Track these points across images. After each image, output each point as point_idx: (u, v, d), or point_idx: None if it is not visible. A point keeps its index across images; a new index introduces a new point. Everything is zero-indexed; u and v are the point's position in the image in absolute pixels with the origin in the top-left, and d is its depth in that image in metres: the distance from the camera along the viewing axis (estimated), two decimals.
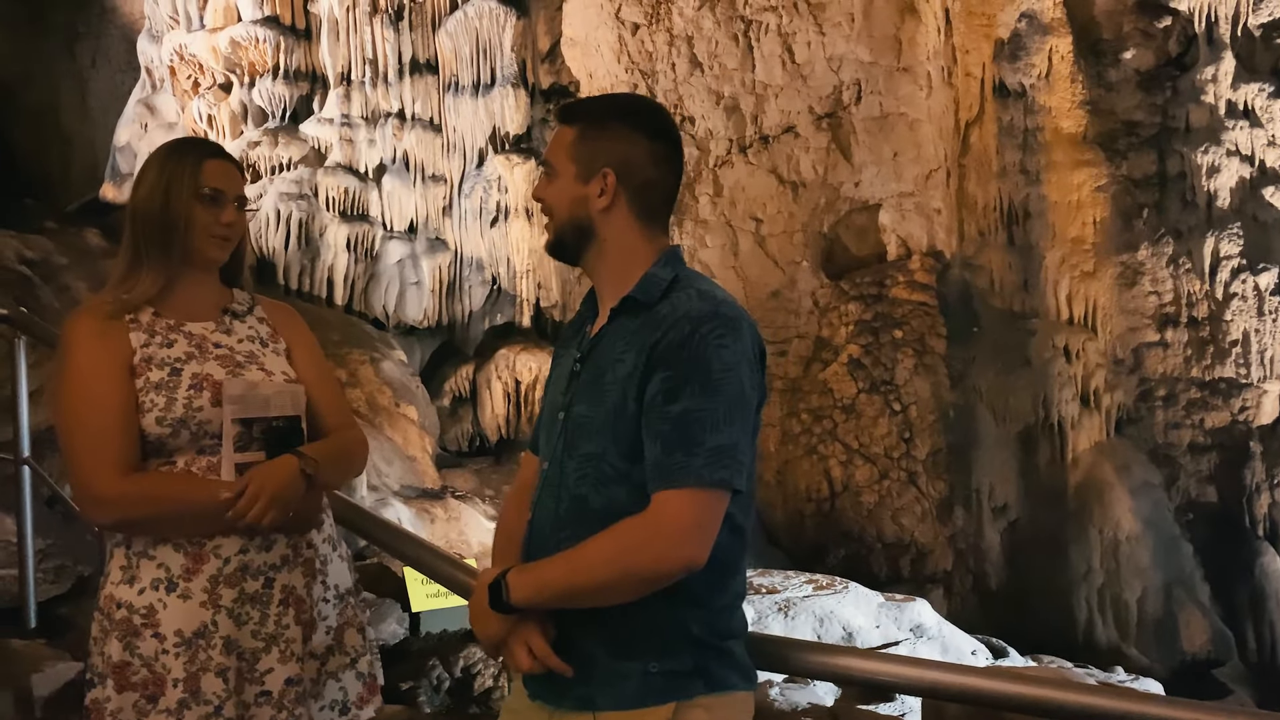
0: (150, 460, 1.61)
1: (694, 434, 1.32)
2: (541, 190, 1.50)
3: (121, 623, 1.59)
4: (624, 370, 1.39)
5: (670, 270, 1.46)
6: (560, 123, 1.51)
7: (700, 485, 1.31)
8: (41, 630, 3.34)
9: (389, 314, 9.22)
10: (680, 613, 1.37)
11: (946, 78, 8.39)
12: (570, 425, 1.44)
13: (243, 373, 1.67)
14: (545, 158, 1.50)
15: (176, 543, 1.61)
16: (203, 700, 1.58)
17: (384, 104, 9.14)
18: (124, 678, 1.58)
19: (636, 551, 1.32)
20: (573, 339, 1.54)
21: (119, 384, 1.60)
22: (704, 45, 8.36)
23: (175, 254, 1.66)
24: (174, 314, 1.68)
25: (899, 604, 5.19)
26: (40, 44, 11.77)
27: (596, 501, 1.39)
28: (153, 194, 1.66)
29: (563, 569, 1.36)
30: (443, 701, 4.14)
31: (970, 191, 8.59)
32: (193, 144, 1.76)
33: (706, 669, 1.39)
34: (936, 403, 8.15)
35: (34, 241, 7.88)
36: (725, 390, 1.34)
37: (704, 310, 1.39)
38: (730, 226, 8.63)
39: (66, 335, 1.66)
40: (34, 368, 3.39)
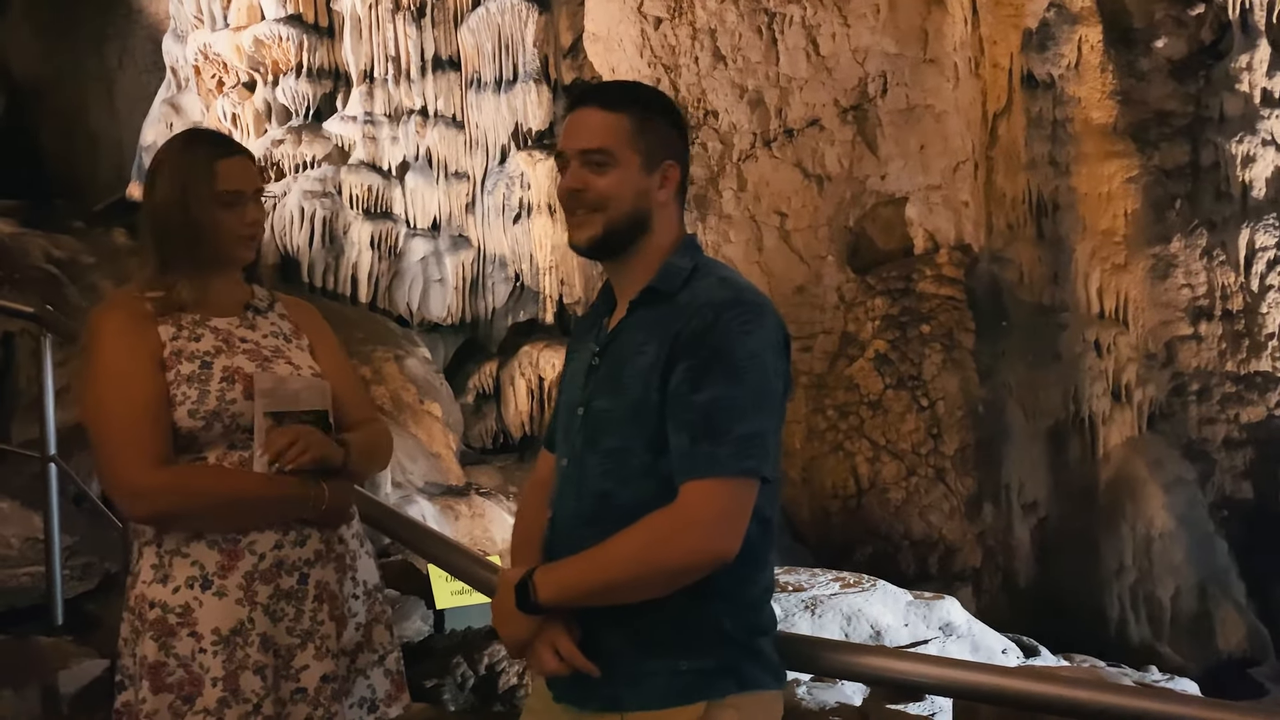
0: (181, 455, 1.59)
1: (720, 423, 1.29)
2: (583, 180, 1.40)
3: (155, 623, 1.56)
4: (645, 361, 1.35)
5: (689, 259, 1.43)
6: (596, 108, 1.42)
7: (728, 475, 1.28)
8: (68, 627, 3.35)
9: (413, 311, 9.23)
10: (709, 608, 1.34)
11: (974, 69, 8.28)
12: (590, 420, 1.40)
13: (270, 367, 1.66)
14: (601, 147, 1.39)
15: (211, 539, 1.59)
16: (242, 699, 1.56)
17: (407, 101, 9.15)
18: (159, 679, 1.55)
19: (665, 545, 1.29)
20: (588, 333, 1.50)
21: (150, 377, 1.58)
22: (727, 38, 8.30)
23: (205, 259, 1.65)
24: (199, 309, 1.67)
25: (928, 602, 5.11)
26: (68, 46, 11.88)
27: (621, 497, 1.35)
28: (170, 200, 1.63)
29: (591, 566, 1.32)
30: (467, 700, 4.13)
31: (998, 184, 8.48)
32: (201, 142, 1.71)
33: (737, 667, 1.35)
34: (965, 398, 8.05)
35: (61, 241, 7.94)
36: (751, 378, 1.31)
37: (726, 297, 1.36)
38: (754, 221, 8.57)
39: (94, 329, 1.63)
40: (60, 366, 3.40)
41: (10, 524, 4.09)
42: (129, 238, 8.73)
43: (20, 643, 3.06)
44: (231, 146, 1.72)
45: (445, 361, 9.18)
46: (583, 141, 1.41)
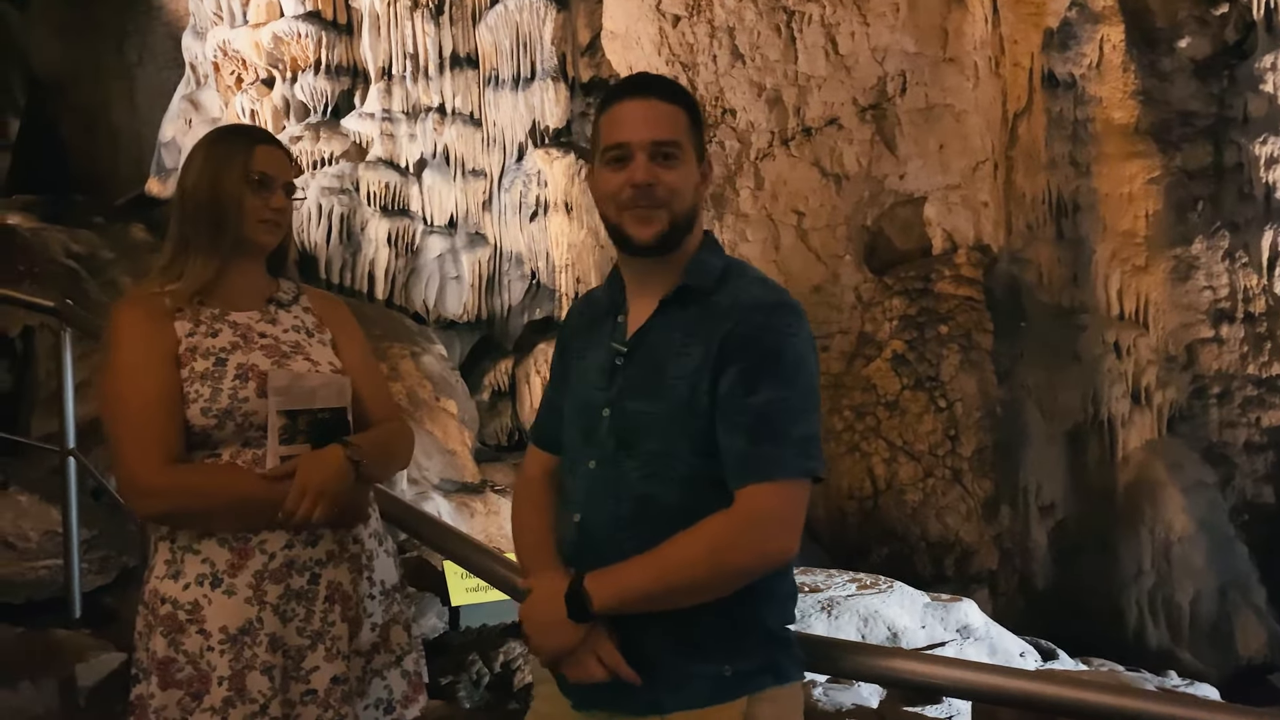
0: (195, 452, 1.59)
1: (779, 425, 1.29)
2: (654, 174, 1.36)
3: (166, 618, 1.56)
4: (690, 364, 1.33)
5: (718, 257, 1.42)
6: (658, 99, 1.38)
7: (790, 476, 1.29)
8: (86, 620, 3.36)
9: (429, 308, 9.25)
10: (755, 607, 1.34)
11: (994, 68, 8.22)
12: (623, 421, 1.37)
13: (288, 363, 1.64)
14: (667, 139, 1.36)
15: (221, 537, 1.58)
16: (248, 699, 1.55)
17: (424, 98, 9.16)
18: (168, 675, 1.55)
19: (732, 548, 1.28)
20: (591, 331, 1.47)
21: (164, 374, 1.58)
22: (745, 37, 8.27)
23: (224, 240, 1.63)
24: (219, 303, 1.65)
25: (945, 604, 5.08)
26: (89, 43, 11.95)
27: (666, 500, 1.33)
28: (201, 179, 1.63)
29: (653, 571, 1.30)
30: (482, 697, 4.12)
31: (1018, 184, 8.42)
32: (242, 130, 1.74)
33: (776, 662, 1.36)
34: (983, 399, 8.00)
35: (81, 236, 7.99)
36: (801, 379, 1.32)
37: (772, 299, 1.35)
38: (771, 220, 8.53)
39: (112, 324, 1.63)
40: (80, 360, 3.41)
41: (29, 517, 4.11)
42: (148, 233, 8.78)
43: (38, 635, 3.07)
44: (270, 137, 1.73)
45: (461, 359, 9.19)
46: (656, 132, 1.36)
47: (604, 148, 1.39)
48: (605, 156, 1.39)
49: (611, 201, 1.39)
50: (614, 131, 1.38)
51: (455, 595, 5.14)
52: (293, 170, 1.72)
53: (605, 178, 1.40)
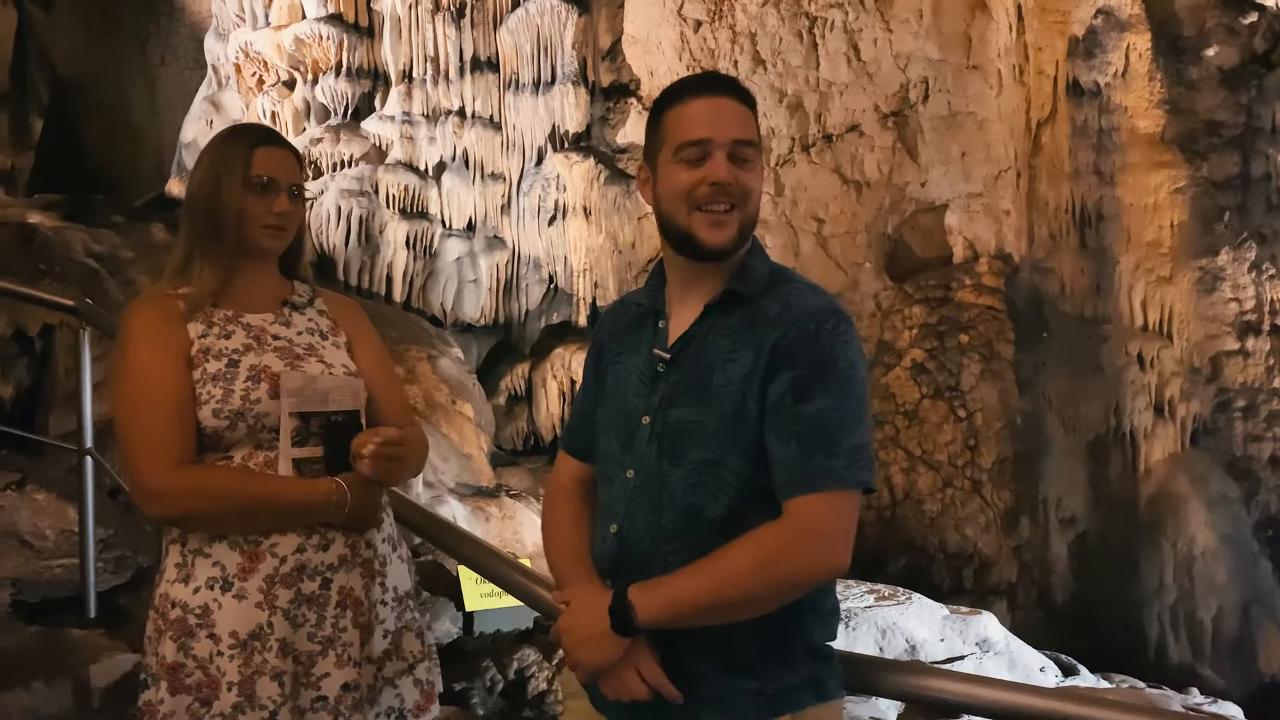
0: (206, 455, 1.57)
1: (832, 434, 1.25)
2: (736, 175, 1.31)
3: (176, 622, 1.54)
4: (740, 370, 1.29)
5: (765, 262, 1.38)
6: (732, 98, 1.34)
7: (843, 487, 1.25)
8: (101, 620, 3.35)
9: (446, 311, 9.25)
10: (801, 622, 1.30)
11: (1018, 76, 8.17)
12: (666, 429, 1.33)
13: (301, 365, 1.61)
14: (747, 139, 1.32)
15: (232, 540, 1.55)
16: (257, 705, 1.52)
17: (445, 101, 9.17)
18: (178, 679, 1.53)
19: (785, 560, 1.24)
20: (630, 335, 1.43)
21: (176, 375, 1.56)
22: (767, 42, 8.24)
23: (228, 245, 1.61)
24: (232, 305, 1.63)
25: (964, 617, 5.02)
26: (112, 42, 12.03)
27: (714, 510, 1.29)
28: (203, 185, 1.62)
29: (702, 584, 1.25)
30: (496, 704, 4.10)
31: (1041, 193, 8.35)
32: (244, 131, 1.70)
33: (818, 678, 1.32)
34: (1003, 409, 7.92)
35: (102, 236, 8.02)
36: (854, 388, 1.28)
37: (824, 305, 1.32)
38: (791, 227, 8.49)
39: (124, 326, 1.62)
40: (98, 360, 3.40)
41: (46, 515, 4.11)
42: (168, 233, 8.81)
43: (54, 634, 3.06)
44: (273, 138, 1.69)
45: (478, 362, 9.18)
46: (737, 131, 1.32)
47: (679, 144, 1.33)
48: (680, 154, 1.33)
49: (683, 200, 1.33)
50: (690, 128, 1.33)
51: (470, 600, 5.12)
52: (300, 172, 1.69)
53: (676, 175, 1.33)
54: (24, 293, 3.78)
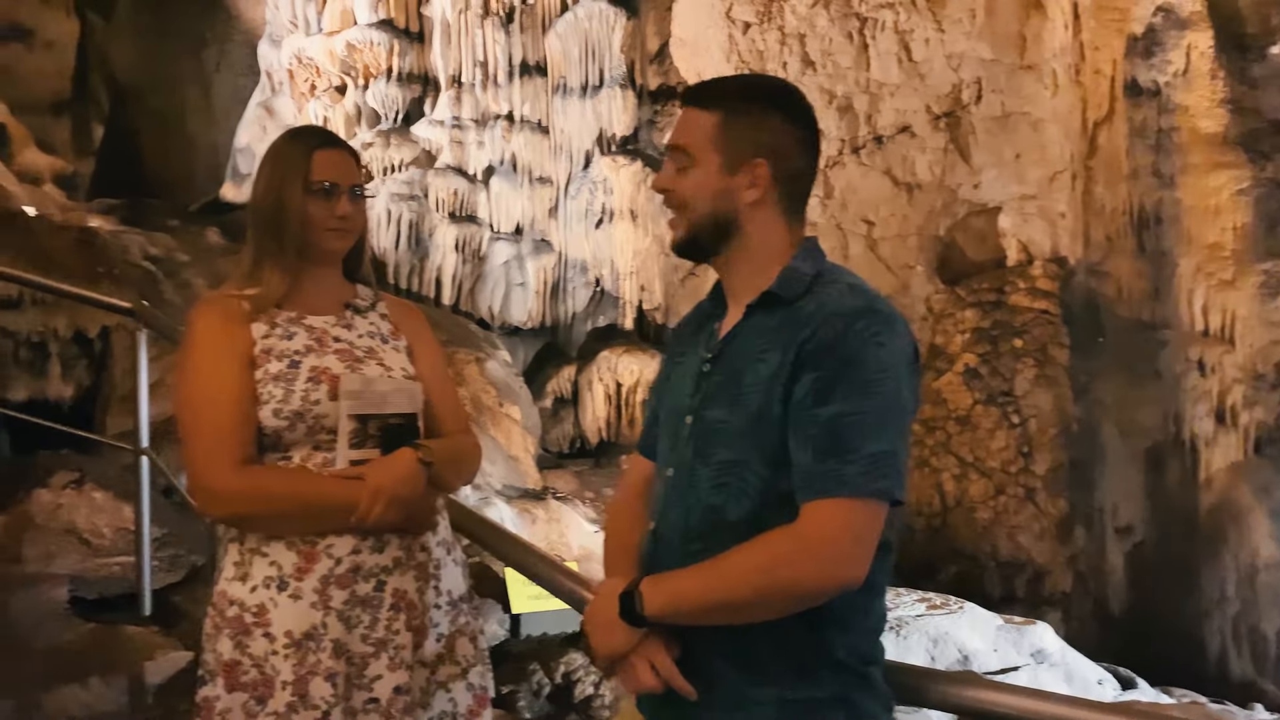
0: (266, 454, 1.58)
1: (849, 439, 1.20)
2: (671, 181, 1.36)
3: (233, 620, 1.55)
4: (767, 371, 1.27)
5: (812, 264, 1.35)
6: (690, 106, 1.37)
7: (857, 495, 1.20)
8: (155, 618, 3.39)
9: (494, 314, 9.30)
10: (823, 635, 1.25)
11: (1074, 76, 8.01)
12: (702, 430, 1.32)
13: (361, 368, 1.62)
14: (679, 145, 1.35)
15: (289, 540, 1.56)
16: (310, 705, 1.53)
17: (493, 106, 9.23)
18: (234, 677, 1.54)
19: (786, 566, 1.20)
20: (693, 336, 1.43)
21: (238, 376, 1.57)
22: (817, 44, 8.17)
23: (292, 250, 1.62)
24: (296, 307, 1.65)
25: (1019, 627, 4.93)
26: (169, 50, 12.28)
27: (734, 512, 1.27)
28: (267, 192, 1.63)
29: (702, 581, 1.24)
30: (542, 708, 4.09)
31: (1097, 195, 8.18)
32: (304, 135, 1.71)
33: (848, 697, 1.27)
34: (1058, 416, 7.76)
35: (158, 239, 8.19)
36: (882, 392, 1.22)
37: (857, 305, 1.27)
38: (840, 229, 8.41)
39: (189, 327, 1.64)
40: (154, 361, 3.46)
41: (104, 514, 4.19)
42: (222, 236, 8.97)
43: (110, 631, 3.11)
44: (332, 140, 1.71)
45: (524, 365, 9.21)
46: (676, 139, 1.39)
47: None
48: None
49: None
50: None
51: (516, 602, 5.12)
52: (359, 171, 1.70)
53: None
54: (84, 295, 3.86)
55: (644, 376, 8.69)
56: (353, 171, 1.67)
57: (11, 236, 5.18)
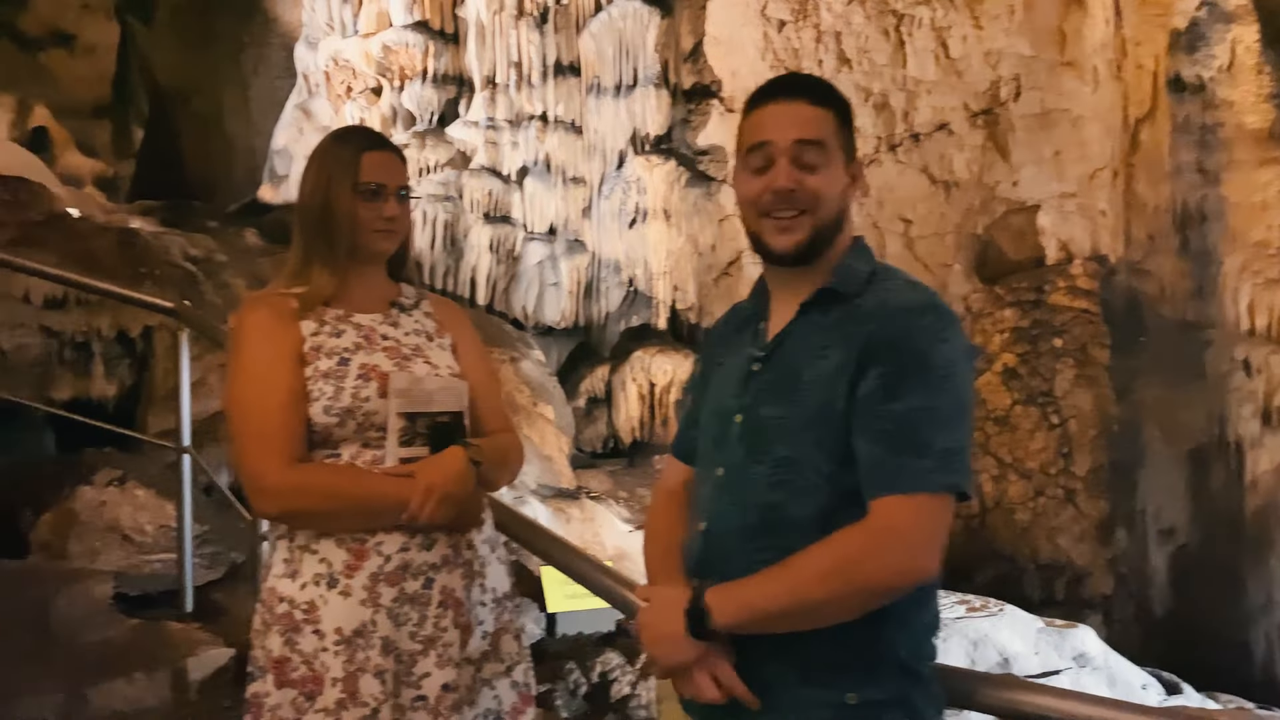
0: (316, 451, 1.59)
1: (921, 434, 1.20)
2: (798, 179, 1.29)
3: (283, 617, 1.56)
4: (828, 368, 1.25)
5: (866, 262, 1.34)
6: (804, 101, 1.32)
7: (930, 490, 1.20)
8: (197, 614, 3.42)
9: (528, 314, 9.32)
10: (885, 633, 1.24)
11: (1115, 72, 7.90)
12: (753, 428, 1.30)
13: (409, 365, 1.63)
14: (816, 139, 1.30)
15: (339, 538, 1.57)
16: (360, 702, 1.53)
17: (527, 106, 9.25)
18: (283, 674, 1.55)
19: (865, 564, 1.19)
20: (734, 337, 1.42)
21: (289, 373, 1.58)
22: (853, 41, 8.12)
23: (341, 250, 1.63)
24: (343, 305, 1.66)
25: (1060, 630, 4.85)
26: (208, 54, 12.43)
27: (795, 510, 1.25)
28: (314, 193, 1.64)
29: (774, 589, 1.22)
30: (579, 707, 4.09)
31: (1139, 192, 8.06)
32: (352, 136, 1.72)
33: (907, 698, 1.26)
34: (1098, 416, 7.66)
35: (198, 240, 8.28)
36: (950, 387, 1.22)
37: (921, 301, 1.27)
38: (877, 228, 8.35)
39: (239, 325, 1.65)
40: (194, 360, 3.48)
41: (146, 511, 4.23)
42: (259, 237, 9.06)
43: (153, 627, 3.14)
44: (379, 141, 1.71)
45: (558, 365, 9.23)
46: (799, 132, 1.30)
47: (745, 150, 1.34)
48: (747, 160, 1.33)
49: (751, 206, 1.33)
50: (754, 132, 1.33)
51: (552, 602, 5.13)
52: (405, 172, 1.71)
53: (745, 181, 1.34)
54: (128, 295, 3.90)
55: (677, 376, 8.68)
56: (400, 173, 1.68)
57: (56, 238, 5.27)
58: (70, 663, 2.80)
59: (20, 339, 4.95)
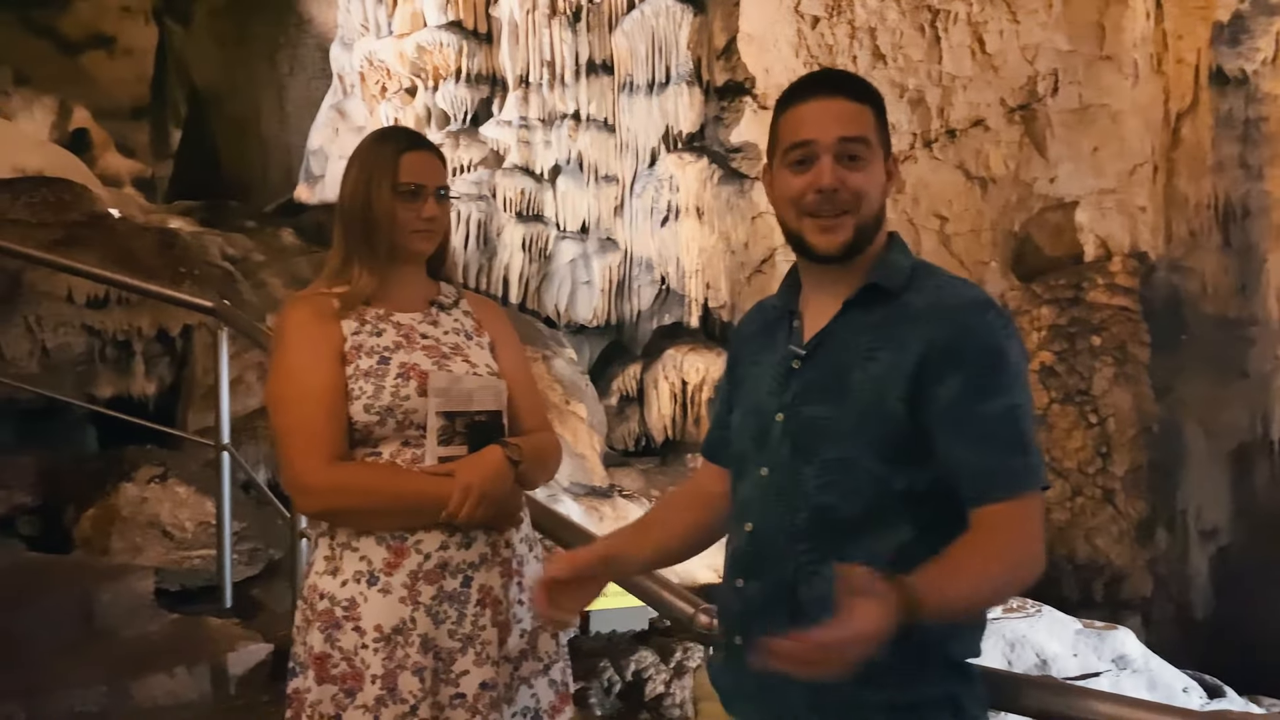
0: (357, 449, 1.60)
1: (1020, 432, 1.21)
2: (846, 176, 1.26)
3: (323, 614, 1.57)
4: (879, 369, 1.24)
5: (906, 257, 1.32)
6: (843, 98, 1.29)
7: (1040, 487, 1.21)
8: (235, 610, 3.46)
9: (560, 313, 9.34)
10: (938, 632, 1.21)
11: (1155, 65, 7.79)
12: (799, 428, 1.28)
13: (448, 364, 1.64)
14: (861, 136, 1.27)
15: (379, 536, 1.58)
16: (399, 699, 1.54)
17: (560, 105, 9.26)
18: (324, 670, 1.56)
19: (1024, 567, 1.19)
20: (765, 336, 1.39)
21: (330, 372, 1.59)
22: (887, 37, 8.06)
23: (380, 250, 1.64)
24: (383, 304, 1.67)
25: (1099, 632, 4.79)
26: (244, 56, 12.57)
27: (845, 510, 1.24)
28: (355, 195, 1.65)
29: (967, 587, 1.16)
30: (613, 705, 4.09)
31: (1180, 188, 7.94)
32: (391, 136, 1.72)
33: (956, 697, 1.25)
34: (1138, 415, 7.55)
35: (235, 240, 8.38)
36: (1025, 383, 1.24)
37: (980, 298, 1.26)
38: (912, 225, 8.28)
39: (281, 324, 1.67)
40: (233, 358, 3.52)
41: (186, 508, 4.29)
42: (296, 237, 9.15)
43: (193, 622, 3.18)
44: (419, 142, 1.71)
45: (590, 363, 9.24)
46: (843, 129, 1.27)
47: (786, 147, 1.30)
48: (788, 158, 1.30)
49: (792, 206, 1.30)
50: (795, 129, 1.29)
51: None
52: (444, 172, 1.71)
53: (786, 180, 1.30)
54: (171, 295, 3.95)
55: (710, 374, 8.66)
56: (439, 173, 1.69)
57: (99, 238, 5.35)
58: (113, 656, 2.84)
59: (63, 338, 5.04)
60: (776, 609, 1.26)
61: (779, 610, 1.26)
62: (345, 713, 1.54)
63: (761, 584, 1.29)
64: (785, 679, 1.20)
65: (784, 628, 1.21)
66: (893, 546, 1.22)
